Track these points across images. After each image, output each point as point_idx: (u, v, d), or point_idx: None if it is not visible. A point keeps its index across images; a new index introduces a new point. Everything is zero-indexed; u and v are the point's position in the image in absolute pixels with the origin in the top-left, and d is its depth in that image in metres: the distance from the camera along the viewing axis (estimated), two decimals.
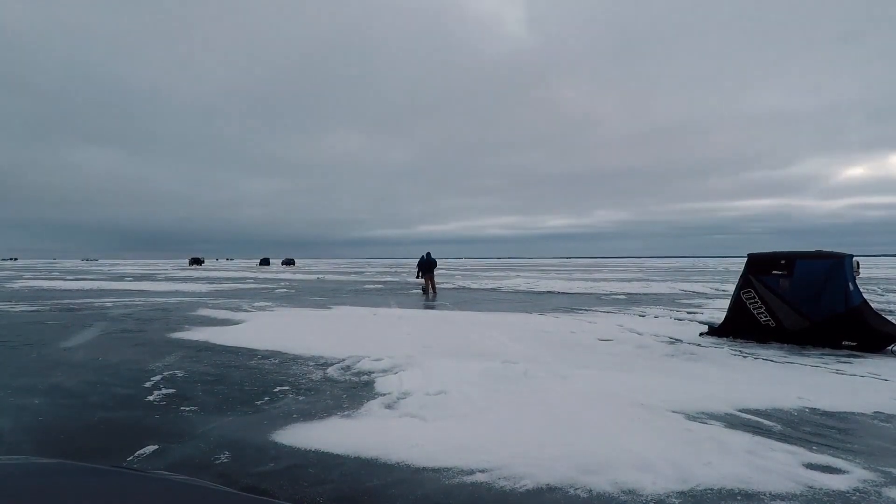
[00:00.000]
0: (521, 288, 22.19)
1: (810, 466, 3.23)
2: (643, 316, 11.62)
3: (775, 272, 7.94)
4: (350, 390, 5.06)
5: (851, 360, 6.74)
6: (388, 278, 32.73)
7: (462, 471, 3.14)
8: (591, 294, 18.56)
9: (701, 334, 8.65)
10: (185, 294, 18.21)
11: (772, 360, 6.69)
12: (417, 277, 19.32)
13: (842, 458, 3.38)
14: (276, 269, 54.05)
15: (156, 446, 3.54)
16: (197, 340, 7.96)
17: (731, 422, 4.12)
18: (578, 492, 2.90)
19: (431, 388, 4.84)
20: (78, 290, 19.93)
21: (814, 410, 4.50)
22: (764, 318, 7.97)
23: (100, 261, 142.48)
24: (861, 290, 7.81)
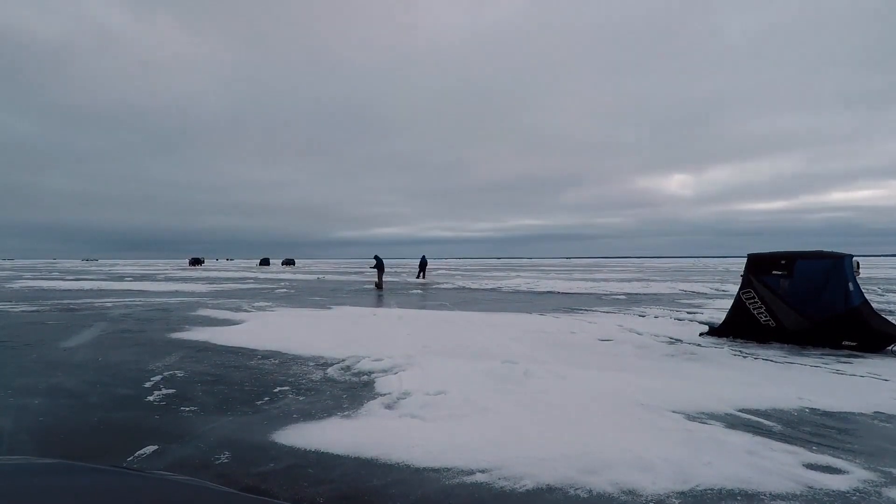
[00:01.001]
0: (521, 288, 22.18)
1: (810, 466, 3.24)
2: (643, 316, 11.62)
3: (775, 272, 7.94)
4: (350, 390, 5.06)
5: (851, 360, 6.74)
6: (388, 278, 32.71)
7: (462, 471, 3.14)
8: (591, 294, 18.55)
9: (701, 334, 8.64)
10: (185, 294, 18.20)
11: (772, 360, 6.69)
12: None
13: (842, 458, 3.38)
14: (276, 270, 54.05)
15: (156, 446, 3.54)
16: (197, 340, 7.96)
17: (731, 422, 4.12)
18: (578, 492, 2.90)
19: (431, 388, 4.84)
20: (78, 290, 19.93)
21: (814, 410, 4.50)
22: (764, 318, 7.97)
23: (99, 261, 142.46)
24: (861, 289, 7.81)
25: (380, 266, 22.15)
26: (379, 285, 21.68)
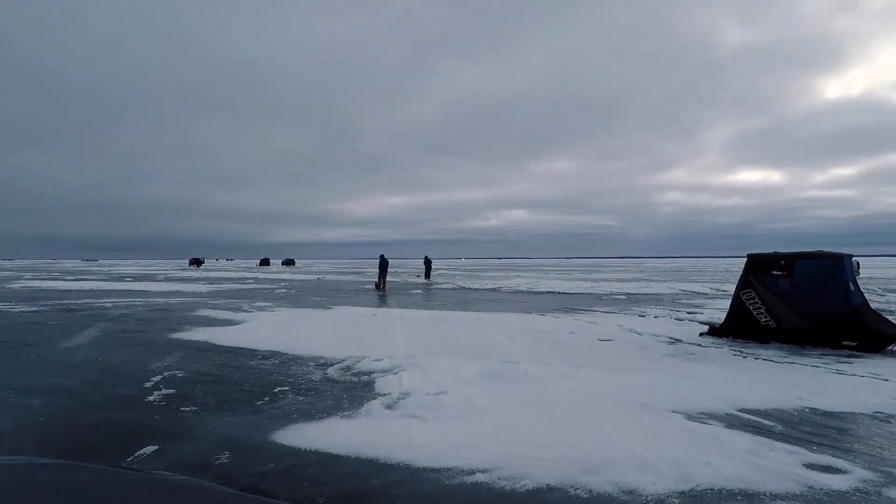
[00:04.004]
0: (521, 288, 22.19)
1: (811, 466, 3.23)
2: (643, 316, 11.62)
3: (775, 272, 7.94)
4: (350, 390, 5.06)
5: (851, 360, 6.74)
6: (389, 278, 32.69)
7: (462, 471, 3.14)
8: (590, 294, 18.56)
9: (701, 334, 8.64)
10: (185, 294, 18.21)
11: (772, 360, 6.68)
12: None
13: (842, 458, 3.38)
14: (276, 270, 54.08)
15: (156, 446, 3.54)
16: (197, 341, 7.96)
17: (732, 422, 4.12)
18: (578, 492, 2.90)
19: (431, 389, 4.84)
20: (78, 291, 19.93)
21: (814, 410, 4.49)
22: (764, 319, 7.97)
23: (99, 261, 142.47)
24: (862, 289, 7.81)
25: (383, 266, 22.55)
26: (380, 285, 21.95)
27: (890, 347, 7.29)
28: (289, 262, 75.16)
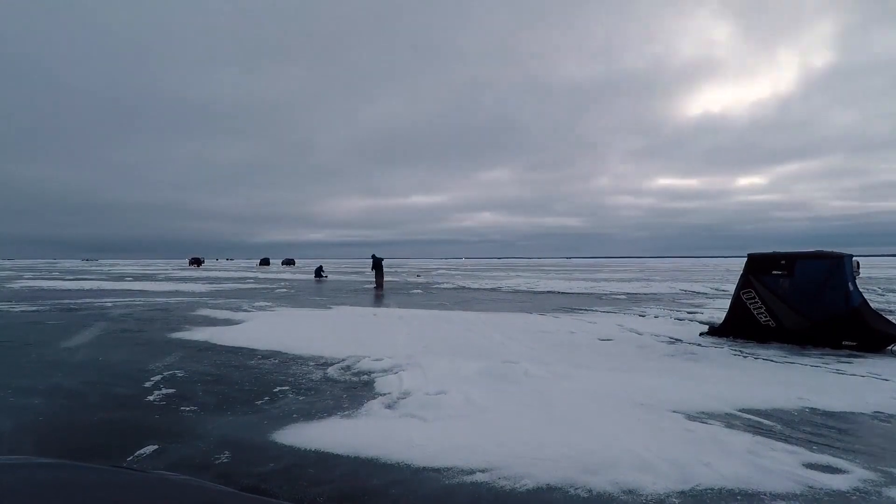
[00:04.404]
0: (521, 288, 22.18)
1: (811, 466, 3.23)
2: (643, 316, 11.62)
3: (775, 272, 7.94)
4: (350, 390, 5.06)
5: (851, 360, 6.74)
6: (388, 278, 32.70)
7: (462, 471, 3.14)
8: (590, 294, 18.55)
9: (701, 334, 8.64)
10: (185, 294, 18.20)
11: (772, 360, 6.68)
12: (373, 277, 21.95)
13: (842, 458, 3.38)
14: (276, 269, 54.07)
15: (156, 446, 3.54)
16: (197, 340, 7.96)
17: (732, 422, 4.12)
18: (578, 492, 2.90)
19: (431, 388, 4.84)
20: (78, 290, 19.92)
21: (814, 410, 4.49)
22: (764, 318, 7.97)
23: (99, 261, 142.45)
24: (861, 290, 7.81)
25: (378, 266, 22.78)
26: (379, 285, 22.15)
27: (890, 347, 7.29)
28: (289, 262, 75.19)
